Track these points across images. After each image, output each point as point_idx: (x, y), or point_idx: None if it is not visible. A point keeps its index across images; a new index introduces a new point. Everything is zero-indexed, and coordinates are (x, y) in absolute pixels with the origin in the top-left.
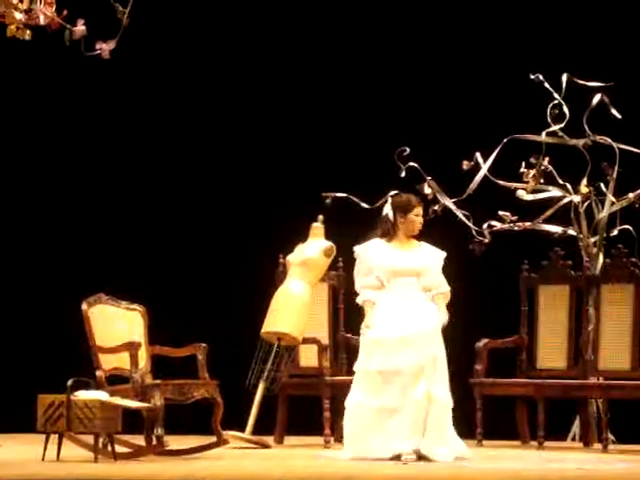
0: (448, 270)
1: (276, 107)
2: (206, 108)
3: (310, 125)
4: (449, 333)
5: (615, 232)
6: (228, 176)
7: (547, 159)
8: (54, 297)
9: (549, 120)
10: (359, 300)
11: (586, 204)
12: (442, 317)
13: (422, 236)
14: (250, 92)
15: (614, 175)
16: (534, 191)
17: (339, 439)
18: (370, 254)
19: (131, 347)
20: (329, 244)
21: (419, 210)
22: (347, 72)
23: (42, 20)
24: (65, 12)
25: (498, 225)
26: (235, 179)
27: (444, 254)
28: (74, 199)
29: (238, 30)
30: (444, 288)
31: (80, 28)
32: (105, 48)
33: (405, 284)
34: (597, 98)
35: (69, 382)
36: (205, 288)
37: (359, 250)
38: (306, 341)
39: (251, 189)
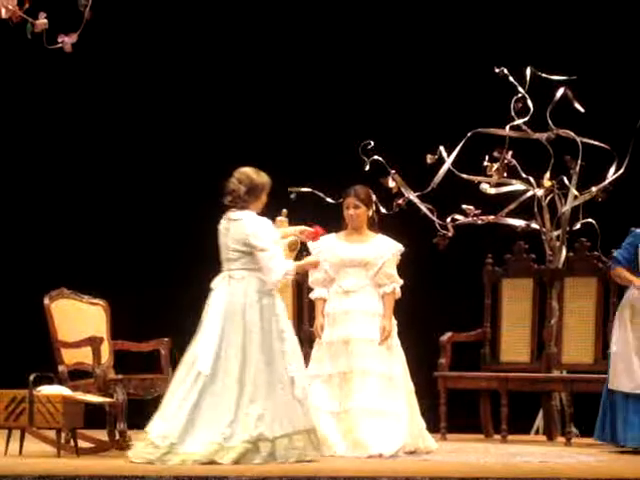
0: (411, 264)
1: (241, 101)
2: (170, 101)
3: (274, 119)
4: (413, 326)
5: (578, 226)
6: (192, 170)
7: (510, 153)
8: (15, 292)
9: (513, 114)
10: (311, 296)
11: (549, 198)
12: (385, 323)
13: (386, 229)
14: (217, 85)
15: (577, 169)
16: (497, 185)
17: None
18: (321, 248)
19: (93, 342)
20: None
21: (348, 202)
22: (312, 66)
23: (4, 13)
24: (27, 5)
25: (462, 219)
26: (199, 173)
27: (400, 247)
28: (34, 194)
29: (205, 21)
30: (389, 287)
31: (42, 21)
32: (67, 41)
33: (352, 275)
34: (561, 92)
35: (31, 377)
36: (168, 282)
37: (312, 245)
38: None
39: (215, 182)
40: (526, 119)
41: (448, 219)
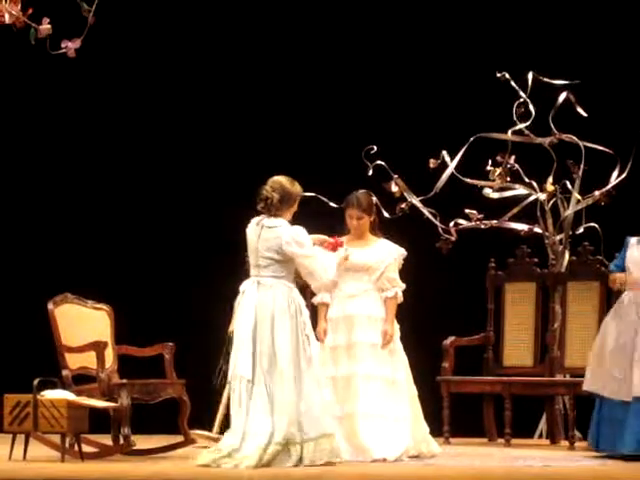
0: (414, 268)
1: (245, 104)
2: (172, 107)
3: (278, 124)
4: (416, 330)
5: (581, 230)
6: (194, 176)
7: (513, 157)
8: (20, 297)
9: (515, 118)
10: (314, 301)
11: (552, 202)
12: (387, 327)
13: (389, 234)
14: (220, 89)
15: (580, 173)
16: (500, 189)
17: None
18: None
19: (97, 346)
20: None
21: (351, 212)
22: (315, 71)
23: (7, 19)
24: (30, 10)
25: (465, 223)
26: (201, 179)
27: (402, 252)
28: (38, 199)
29: (211, 28)
30: (392, 292)
31: (45, 27)
32: (71, 46)
33: (355, 280)
34: (563, 96)
35: (35, 382)
36: (172, 287)
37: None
38: None
39: (217, 189)
40: (528, 124)
41: (451, 223)
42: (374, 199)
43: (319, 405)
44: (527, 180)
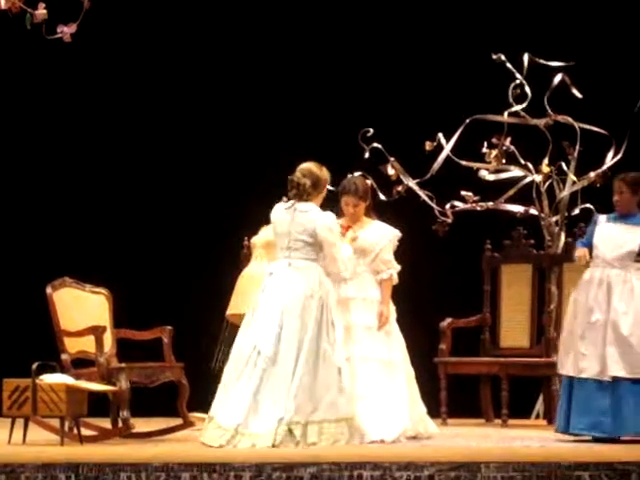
0: (411, 250)
1: (241, 89)
2: (170, 91)
3: (274, 107)
4: (412, 312)
5: (576, 211)
6: (193, 158)
7: (509, 139)
8: (18, 281)
9: (511, 100)
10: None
11: (547, 183)
12: (382, 309)
13: (385, 216)
14: (217, 74)
15: (575, 154)
16: (496, 171)
17: None
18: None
19: (96, 330)
20: None
21: (347, 200)
22: (311, 54)
23: (3, 4)
24: None
25: (461, 205)
26: (200, 161)
27: (396, 233)
28: (37, 183)
29: (207, 12)
30: (387, 273)
31: (41, 12)
32: (66, 31)
33: None
34: (558, 78)
35: (34, 366)
36: (170, 271)
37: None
38: None
39: (215, 171)
40: (524, 105)
41: (447, 206)
42: (369, 182)
43: (337, 389)
44: (523, 162)
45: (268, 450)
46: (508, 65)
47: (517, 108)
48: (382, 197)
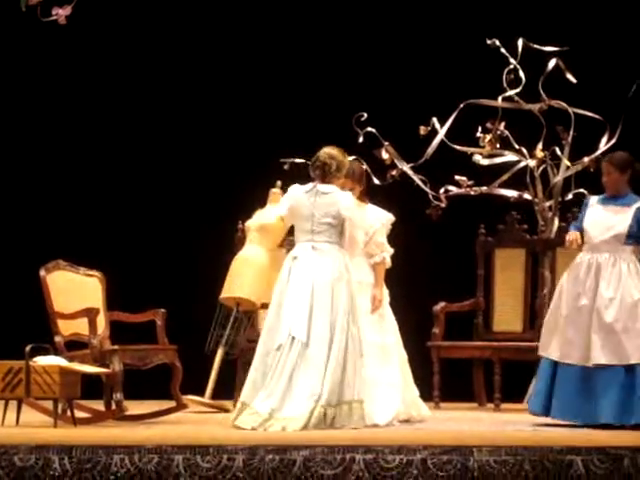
0: (404, 235)
1: (234, 73)
2: (162, 78)
3: (268, 91)
4: (406, 296)
5: (570, 196)
6: (186, 141)
7: (503, 124)
8: (11, 264)
9: (505, 85)
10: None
11: (541, 168)
12: (375, 292)
13: (379, 200)
14: (208, 56)
15: (569, 139)
16: (490, 156)
17: None
18: None
19: (90, 313)
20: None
21: (343, 183)
22: (305, 38)
23: None
24: None
25: (455, 190)
26: (193, 145)
27: (390, 216)
28: (30, 166)
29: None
30: (380, 257)
31: None
32: (61, 13)
33: None
34: (552, 63)
35: (27, 348)
36: (164, 254)
37: None
38: (264, 306)
39: (209, 155)
40: (518, 90)
41: (441, 190)
42: (364, 167)
43: (360, 371)
44: (517, 147)
45: (261, 433)
46: (502, 50)
47: (511, 93)
48: (376, 181)
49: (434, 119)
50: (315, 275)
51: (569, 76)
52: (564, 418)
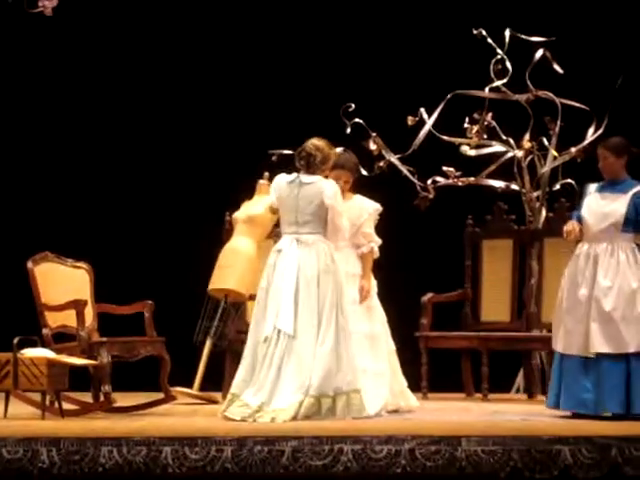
0: (392, 225)
1: (221, 64)
2: (151, 67)
3: (255, 82)
4: (394, 287)
5: (557, 186)
6: (174, 134)
7: (490, 114)
8: None
9: (492, 75)
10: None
11: (529, 159)
12: (363, 283)
13: (367, 191)
14: (197, 50)
15: (556, 130)
16: (478, 146)
17: None
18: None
19: (77, 305)
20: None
21: (338, 174)
22: (292, 28)
23: None
24: None
25: (442, 180)
26: (181, 137)
27: (377, 206)
28: (18, 158)
29: None
30: (367, 247)
31: None
32: (48, 5)
33: None
34: (540, 53)
35: (15, 340)
36: (152, 245)
37: None
38: (253, 297)
39: (197, 146)
40: (505, 81)
41: (429, 181)
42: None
43: (351, 361)
44: (504, 137)
45: (250, 425)
46: (489, 40)
47: (498, 83)
48: (364, 172)
49: (422, 110)
50: (300, 268)
51: (556, 67)
52: (573, 409)
